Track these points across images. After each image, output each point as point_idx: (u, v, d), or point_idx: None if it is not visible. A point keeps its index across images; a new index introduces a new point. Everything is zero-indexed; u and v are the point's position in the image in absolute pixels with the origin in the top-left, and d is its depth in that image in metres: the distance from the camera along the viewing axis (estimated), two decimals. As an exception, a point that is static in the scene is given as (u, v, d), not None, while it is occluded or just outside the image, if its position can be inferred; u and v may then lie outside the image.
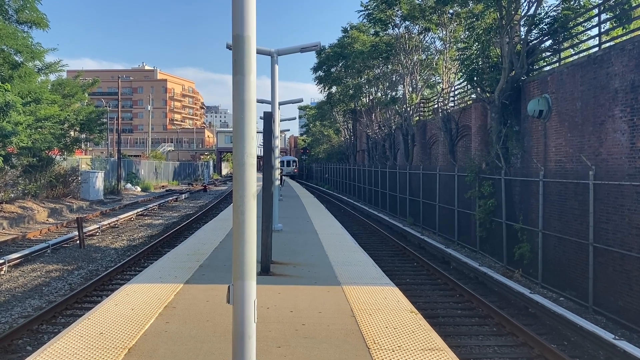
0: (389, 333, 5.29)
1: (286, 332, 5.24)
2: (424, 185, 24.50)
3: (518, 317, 10.68)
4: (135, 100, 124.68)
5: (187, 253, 9.86)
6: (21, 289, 12.50)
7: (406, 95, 29.98)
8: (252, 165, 3.91)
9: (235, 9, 3.85)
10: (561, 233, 13.75)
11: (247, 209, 3.89)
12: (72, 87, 30.43)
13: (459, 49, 22.58)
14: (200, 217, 26.73)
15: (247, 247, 3.90)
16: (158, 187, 54.15)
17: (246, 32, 3.84)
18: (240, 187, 3.88)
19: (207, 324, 5.50)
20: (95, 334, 5.07)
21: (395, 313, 6.01)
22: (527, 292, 11.44)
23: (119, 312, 5.82)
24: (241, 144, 3.89)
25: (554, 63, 16.58)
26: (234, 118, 3.94)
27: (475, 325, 10.22)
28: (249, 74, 3.87)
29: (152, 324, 5.43)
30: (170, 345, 4.85)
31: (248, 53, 3.86)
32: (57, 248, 17.55)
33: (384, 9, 28.01)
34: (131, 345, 4.79)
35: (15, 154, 24.34)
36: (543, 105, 15.31)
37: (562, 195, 14.08)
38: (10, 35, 21.09)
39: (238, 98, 3.89)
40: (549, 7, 18.62)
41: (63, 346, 4.71)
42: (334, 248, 10.79)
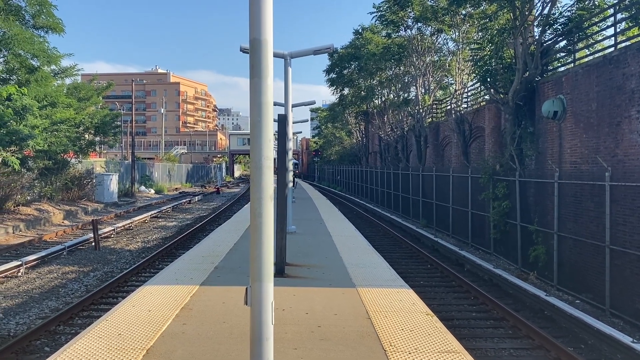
0: (405, 335, 5.28)
1: (302, 334, 5.25)
2: (437, 187, 24.40)
3: (534, 319, 10.59)
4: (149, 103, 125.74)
5: (202, 255, 9.91)
6: (38, 290, 12.65)
7: (419, 96, 29.90)
8: (270, 167, 3.94)
9: (252, 13, 3.88)
10: (577, 235, 13.62)
11: (264, 212, 3.91)
12: (87, 91, 30.79)
13: (472, 49, 22.47)
14: (213, 219, 26.86)
15: (264, 249, 3.92)
16: (171, 190, 54.51)
17: (263, 36, 3.87)
18: (257, 190, 3.91)
19: (223, 325, 5.53)
20: (114, 335, 5.13)
21: (411, 315, 5.99)
22: (543, 294, 11.34)
23: (136, 313, 5.87)
24: (258, 146, 3.91)
25: (569, 64, 16.45)
26: (251, 121, 3.97)
27: (491, 328, 10.16)
28: (266, 77, 3.90)
29: (169, 326, 5.47)
30: (188, 346, 4.88)
31: (265, 56, 3.88)
32: (73, 250, 17.74)
33: (396, 10, 27.96)
34: (149, 347, 4.83)
35: (31, 157, 24.68)
36: (558, 106, 15.19)
37: (577, 196, 13.95)
38: (27, 40, 21.40)
39: (255, 101, 3.91)
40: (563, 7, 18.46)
41: (82, 347, 4.77)
42: (347, 250, 10.78)
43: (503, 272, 13.95)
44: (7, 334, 9.45)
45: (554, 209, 14.29)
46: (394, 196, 32.64)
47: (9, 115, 20.14)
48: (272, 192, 3.93)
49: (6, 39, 21.10)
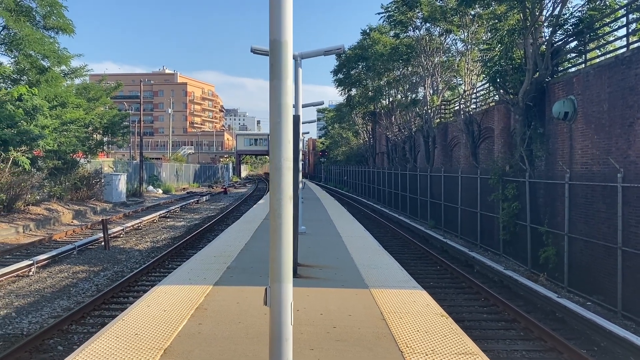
0: (420, 337, 5.27)
1: (318, 335, 5.26)
2: (445, 187, 24.34)
3: (545, 321, 10.55)
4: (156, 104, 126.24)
5: (213, 255, 9.94)
6: (50, 290, 12.73)
7: (427, 97, 29.85)
8: (289, 169, 3.94)
9: (272, 14, 3.88)
10: (588, 236, 13.55)
11: (284, 213, 3.91)
12: (96, 91, 30.95)
13: (482, 50, 22.41)
14: (221, 220, 26.92)
15: (283, 250, 3.93)
16: (179, 190, 54.69)
17: (283, 37, 3.87)
18: (277, 191, 3.91)
19: (239, 325, 5.55)
20: (131, 334, 5.15)
21: (426, 317, 5.98)
22: (555, 296, 11.29)
23: (151, 313, 5.89)
24: (278, 147, 3.92)
25: (580, 64, 16.37)
26: (270, 122, 3.97)
27: (502, 330, 10.13)
28: (285, 78, 3.90)
29: (185, 326, 5.49)
30: (205, 346, 4.90)
31: (285, 58, 3.89)
32: (83, 249, 17.83)
33: (405, 10, 27.92)
34: (166, 347, 4.85)
35: (41, 156, 24.85)
36: (568, 107, 15.12)
37: (588, 198, 13.87)
38: (38, 41, 21.55)
39: (275, 102, 3.92)
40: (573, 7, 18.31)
41: (100, 346, 4.80)
42: (358, 251, 10.78)
43: (513, 273, 13.91)
44: (21, 333, 9.51)
45: (565, 210, 14.22)
46: (402, 197, 32.59)
47: (20, 116, 20.29)
48: (291, 193, 3.94)
49: (17, 39, 21.27)
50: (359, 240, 12.67)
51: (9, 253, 17.04)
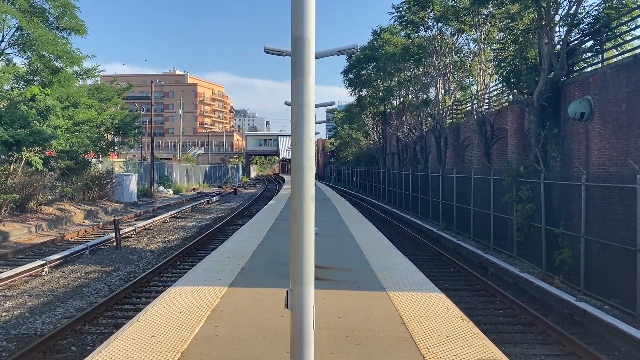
0: (442, 341, 5.15)
1: (337, 338, 5.15)
2: (457, 188, 24.12)
3: (563, 325, 10.37)
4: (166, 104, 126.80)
5: (227, 256, 9.86)
6: (62, 290, 12.73)
7: (439, 97, 29.65)
8: (311, 168, 3.85)
9: (294, 10, 3.80)
10: (605, 239, 13.32)
11: (305, 213, 3.83)
12: (108, 92, 31.06)
13: (495, 50, 22.20)
14: (232, 220, 26.90)
15: (305, 252, 3.84)
16: (189, 190, 54.82)
17: (306, 34, 3.79)
18: (299, 191, 3.82)
19: (256, 328, 5.45)
20: (147, 337, 5.07)
21: (446, 320, 5.85)
22: (573, 299, 11.10)
23: (167, 315, 5.82)
24: (300, 147, 3.83)
25: (596, 64, 16.14)
26: (292, 121, 3.88)
27: (519, 333, 9.97)
28: (308, 76, 3.82)
29: (201, 328, 5.40)
30: (222, 349, 4.81)
31: (308, 55, 3.80)
32: (95, 249, 17.86)
33: (416, 10, 27.74)
34: (183, 349, 4.77)
35: (53, 157, 24.94)
36: (585, 107, 14.90)
37: (605, 199, 13.64)
38: (51, 42, 21.63)
39: (297, 100, 3.83)
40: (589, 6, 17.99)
41: (117, 349, 4.72)
42: (373, 252, 10.66)
43: (529, 276, 13.71)
44: (34, 333, 9.50)
45: (581, 212, 13.99)
46: (413, 198, 32.38)
47: (33, 116, 20.37)
48: (313, 194, 3.84)
49: (30, 40, 21.36)
50: (373, 242, 12.54)
51: (22, 253, 17.11)
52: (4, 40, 22.18)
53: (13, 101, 20.36)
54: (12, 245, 18.57)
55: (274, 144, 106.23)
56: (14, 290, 12.49)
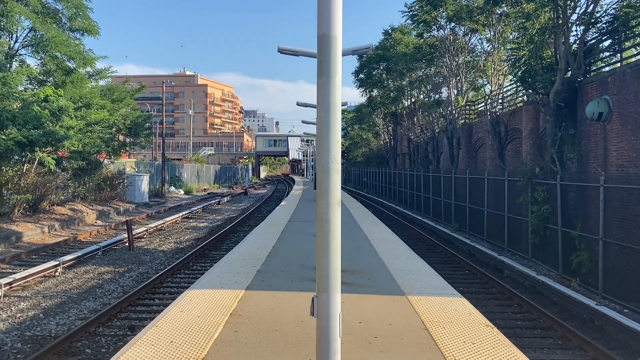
0: (467, 348, 5.01)
1: (360, 345, 5.02)
2: (470, 189, 23.89)
3: (583, 329, 10.16)
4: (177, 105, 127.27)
5: (242, 258, 9.76)
6: (76, 291, 12.71)
7: (451, 97, 29.40)
8: (337, 171, 3.73)
9: (320, 8, 3.68)
10: (624, 241, 13.08)
11: (332, 217, 3.70)
12: (120, 93, 31.15)
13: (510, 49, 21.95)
14: (243, 221, 26.84)
15: (332, 258, 3.71)
16: (200, 190, 54.91)
17: (333, 32, 3.67)
18: (325, 194, 3.70)
19: (276, 333, 5.34)
20: (166, 342, 4.98)
21: (470, 326, 5.70)
22: (593, 303, 10.88)
23: (185, 319, 5.72)
24: (326, 148, 3.71)
25: (614, 64, 15.88)
26: (318, 121, 3.76)
27: (539, 338, 9.78)
28: (334, 75, 3.70)
29: (220, 333, 5.30)
30: (244, 356, 4.70)
31: (334, 54, 3.68)
32: (108, 250, 17.86)
33: (429, 10, 27.53)
34: (203, 356, 4.67)
35: (66, 157, 25.02)
36: (603, 107, 14.65)
37: (624, 201, 13.41)
38: (64, 43, 21.70)
39: (323, 100, 3.71)
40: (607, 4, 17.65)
41: (135, 355, 4.63)
42: (389, 255, 10.51)
43: (547, 279, 13.49)
44: (49, 335, 9.46)
45: (599, 214, 13.74)
46: (424, 199, 32.14)
47: (46, 117, 20.43)
48: (339, 197, 3.72)
49: (44, 41, 21.44)
50: (388, 244, 12.39)
51: (35, 253, 17.15)
52: (17, 41, 22.31)
53: (26, 102, 20.43)
54: (26, 246, 18.63)
55: (284, 144, 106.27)
56: (28, 291, 12.49)
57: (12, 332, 9.48)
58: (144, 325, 9.86)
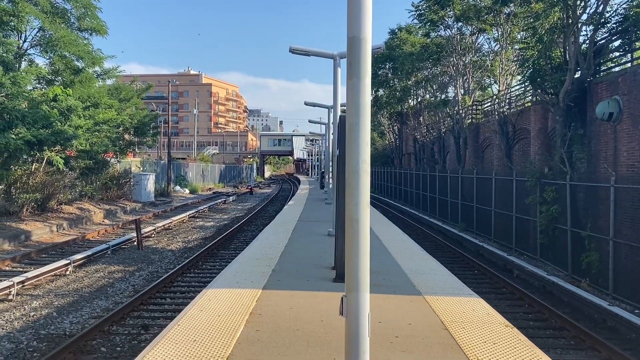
0: (489, 348, 5.02)
1: (382, 345, 5.05)
2: (477, 189, 23.87)
3: (596, 330, 10.16)
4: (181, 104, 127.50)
5: (255, 257, 9.80)
6: (87, 290, 12.77)
7: (458, 97, 29.38)
8: (367, 172, 3.74)
9: (350, 10, 3.70)
10: (635, 242, 13.06)
11: (361, 218, 3.72)
12: (127, 92, 31.23)
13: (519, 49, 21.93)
14: (250, 220, 26.90)
15: (361, 258, 3.73)
16: (205, 190, 55.00)
17: (363, 34, 3.68)
18: (354, 195, 3.72)
19: (297, 333, 5.37)
20: (189, 341, 5.01)
21: (490, 327, 5.72)
22: (606, 304, 10.88)
23: (206, 318, 5.75)
24: (356, 149, 3.73)
25: (624, 64, 15.85)
26: (347, 122, 3.79)
27: (551, 338, 9.78)
28: (364, 76, 3.71)
29: (242, 332, 5.33)
30: (267, 355, 4.73)
31: (364, 55, 3.70)
32: (117, 249, 17.93)
33: (436, 9, 27.52)
34: (228, 355, 4.69)
35: (73, 156, 25.11)
36: (613, 108, 14.64)
37: (635, 202, 13.38)
38: (73, 42, 21.79)
39: (353, 102, 3.73)
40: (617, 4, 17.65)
41: (161, 354, 4.66)
42: (401, 255, 10.53)
43: (558, 279, 13.49)
44: (63, 333, 9.51)
45: (610, 214, 13.73)
46: (430, 198, 32.14)
47: (55, 116, 20.52)
48: (368, 198, 3.74)
49: (53, 41, 21.53)
50: (400, 244, 12.42)
51: (45, 252, 17.22)
52: (26, 40, 22.41)
53: (35, 101, 20.51)
54: (35, 245, 18.72)
55: (288, 144, 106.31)
56: (39, 290, 12.56)
57: (27, 331, 9.55)
58: (157, 324, 9.93)
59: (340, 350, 4.77)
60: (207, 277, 13.48)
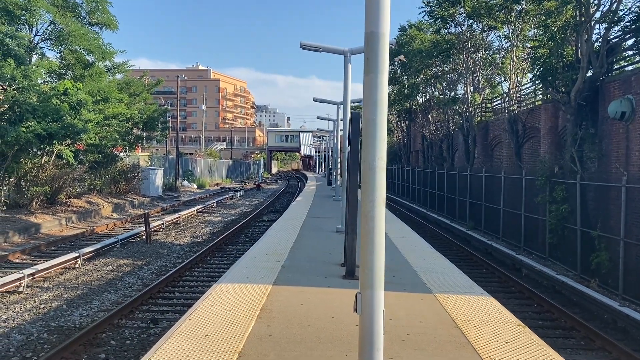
0: (501, 347, 5.00)
1: (393, 342, 5.03)
2: (486, 188, 23.75)
3: (606, 330, 10.10)
4: (189, 99, 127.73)
5: (265, 253, 9.81)
6: (97, 283, 12.84)
7: (468, 94, 29.23)
8: (383, 169, 3.73)
9: (369, 5, 3.68)
10: (646, 242, 12.96)
11: (377, 215, 3.71)
12: (137, 87, 31.32)
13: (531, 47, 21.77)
14: (258, 215, 26.93)
15: (376, 255, 3.72)
16: (213, 185, 55.13)
17: (381, 29, 3.66)
18: (370, 192, 3.70)
19: (308, 329, 5.36)
20: (201, 335, 5.02)
21: (501, 325, 5.69)
22: (616, 304, 10.81)
23: (217, 312, 5.76)
24: (372, 146, 3.71)
25: (638, 62, 15.70)
26: (364, 119, 3.77)
27: (561, 338, 9.74)
28: (382, 72, 3.69)
29: (254, 327, 5.33)
30: (279, 350, 4.73)
31: (382, 51, 3.67)
32: (125, 243, 18.00)
33: (447, 6, 27.37)
34: (240, 349, 4.70)
35: (83, 150, 25.22)
36: (626, 107, 14.50)
37: (646, 202, 13.27)
38: (83, 36, 21.86)
39: (370, 98, 3.71)
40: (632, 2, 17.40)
41: (174, 347, 4.67)
42: (411, 253, 10.50)
43: (567, 279, 13.41)
44: (73, 326, 9.56)
45: (621, 214, 13.62)
46: (438, 196, 32.03)
47: (65, 110, 20.61)
48: (384, 195, 3.72)
49: (63, 35, 21.61)
50: (409, 242, 12.38)
51: (54, 245, 17.32)
52: (37, 34, 22.51)
53: (45, 95, 20.60)
54: (44, 237, 18.84)
55: (296, 140, 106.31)
56: (49, 282, 12.64)
57: (38, 323, 9.61)
58: (166, 318, 9.97)
59: (351, 346, 4.77)
60: (216, 272, 13.52)
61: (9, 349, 8.34)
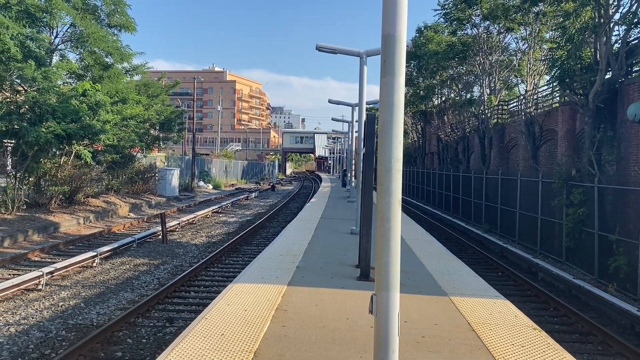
0: (517, 351, 4.97)
1: (408, 344, 5.04)
2: (502, 190, 23.58)
3: (624, 336, 9.97)
4: (205, 101, 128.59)
5: (279, 254, 9.86)
6: (114, 282, 12.99)
7: (484, 96, 29.04)
8: (399, 171, 3.74)
9: (386, 7, 3.70)
10: (665, 247, 12.76)
11: (392, 217, 3.72)
12: (155, 88, 31.63)
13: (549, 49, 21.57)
14: (272, 216, 27.02)
15: (392, 257, 3.73)
16: (228, 185, 55.44)
17: (398, 32, 3.68)
18: (385, 194, 3.72)
19: (323, 330, 5.39)
20: (217, 334, 5.07)
21: (517, 329, 5.66)
22: (635, 309, 10.66)
23: (233, 312, 5.81)
24: (388, 148, 3.73)
25: (658, 64, 15.48)
26: (380, 120, 3.79)
27: (577, 343, 9.63)
28: (399, 75, 3.71)
29: (269, 327, 5.37)
30: (294, 351, 4.76)
31: (399, 53, 3.70)
32: (142, 242, 18.18)
33: (463, 8, 27.23)
34: (255, 349, 4.74)
35: (101, 150, 25.54)
36: (645, 109, 14.31)
37: (666, 206, 13.08)
38: (102, 38, 22.15)
39: (387, 100, 3.73)
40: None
41: (190, 346, 4.72)
42: (426, 255, 10.48)
43: (585, 283, 13.26)
44: (91, 324, 9.69)
45: None
46: (454, 199, 31.86)
47: (84, 110, 20.88)
48: (400, 197, 3.73)
49: (83, 37, 21.92)
50: (424, 244, 12.35)
51: (72, 244, 17.56)
52: (57, 36, 22.85)
53: (65, 96, 20.91)
54: (63, 236, 19.11)
55: (310, 141, 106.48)
56: (67, 281, 12.82)
57: (56, 320, 9.75)
58: (182, 317, 10.06)
59: (366, 348, 4.78)
60: (231, 272, 13.60)
61: (28, 345, 8.48)
